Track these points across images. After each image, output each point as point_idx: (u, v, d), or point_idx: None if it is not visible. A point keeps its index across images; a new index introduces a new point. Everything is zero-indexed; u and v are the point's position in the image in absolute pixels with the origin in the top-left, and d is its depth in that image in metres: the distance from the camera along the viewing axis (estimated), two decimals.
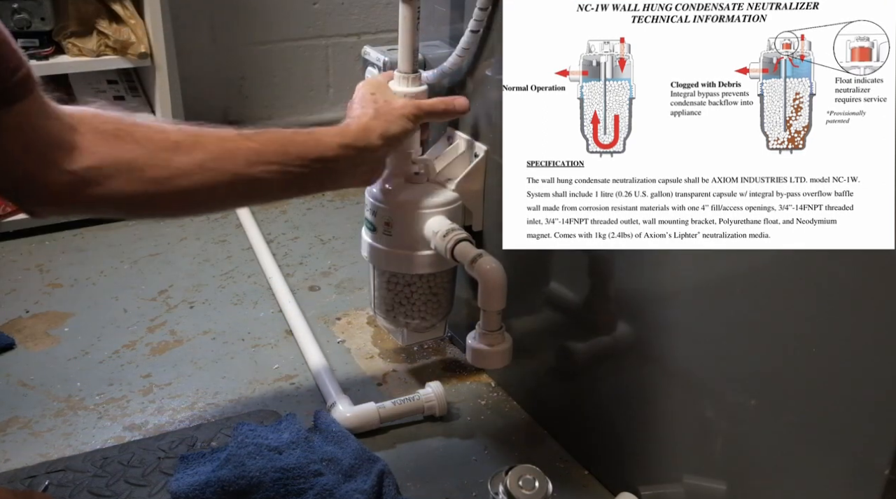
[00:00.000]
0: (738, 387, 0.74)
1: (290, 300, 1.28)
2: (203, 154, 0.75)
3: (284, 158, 0.79)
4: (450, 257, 0.95)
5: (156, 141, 0.74)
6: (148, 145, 0.73)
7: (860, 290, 0.62)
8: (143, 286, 1.35)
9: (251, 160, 0.77)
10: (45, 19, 1.48)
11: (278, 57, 2.03)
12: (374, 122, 0.86)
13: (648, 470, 0.87)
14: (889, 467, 0.61)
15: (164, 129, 0.75)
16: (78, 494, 0.90)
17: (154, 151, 0.73)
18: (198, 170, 0.74)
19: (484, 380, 1.12)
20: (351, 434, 0.97)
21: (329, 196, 1.70)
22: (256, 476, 0.88)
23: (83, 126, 0.71)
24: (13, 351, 1.17)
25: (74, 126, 0.70)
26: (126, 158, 0.72)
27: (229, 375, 1.13)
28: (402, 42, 0.96)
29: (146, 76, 1.65)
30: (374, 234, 1.01)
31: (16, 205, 0.73)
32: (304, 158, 0.80)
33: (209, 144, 0.76)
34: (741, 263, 0.70)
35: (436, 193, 1.00)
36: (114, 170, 0.71)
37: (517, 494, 0.77)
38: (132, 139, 0.73)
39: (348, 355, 1.18)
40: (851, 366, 0.63)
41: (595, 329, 0.92)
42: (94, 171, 0.70)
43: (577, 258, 0.90)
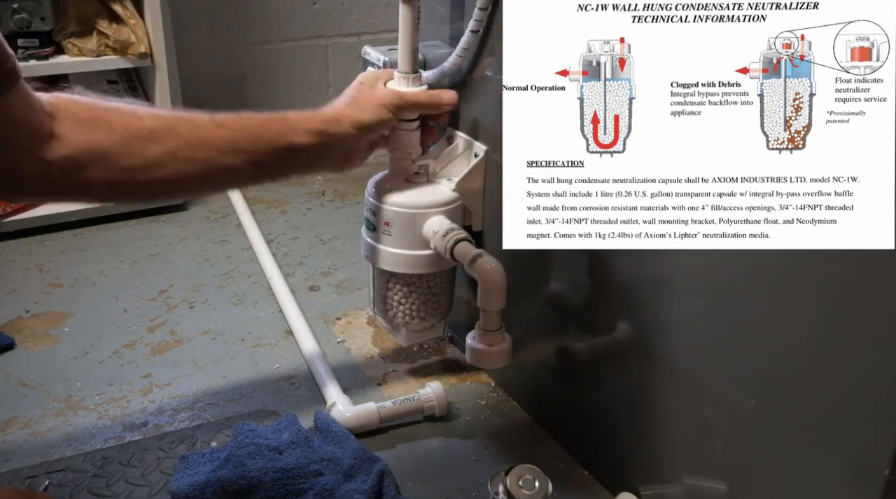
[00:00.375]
0: (738, 387, 0.73)
1: (290, 300, 1.28)
2: (176, 142, 0.76)
3: (255, 145, 0.80)
4: (449, 257, 0.95)
5: (130, 128, 0.74)
6: (123, 133, 0.74)
7: (860, 290, 0.62)
8: (143, 286, 1.35)
9: (223, 149, 0.78)
10: (45, 19, 1.48)
11: (278, 57, 2.03)
12: (347, 110, 0.87)
13: (648, 470, 0.87)
14: (889, 467, 0.61)
15: (138, 114, 0.76)
16: (78, 494, 0.90)
17: (129, 139, 0.74)
18: (170, 159, 0.75)
19: (484, 380, 1.12)
20: (351, 434, 0.97)
21: (329, 196, 1.70)
22: (256, 476, 0.88)
23: (61, 113, 0.72)
24: (13, 351, 1.17)
25: (53, 114, 0.71)
26: (101, 146, 0.73)
27: (229, 375, 1.13)
28: (402, 42, 0.96)
29: (146, 76, 1.65)
30: (373, 233, 1.01)
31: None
32: (274, 145, 0.81)
33: (183, 131, 0.77)
34: (741, 263, 0.70)
35: (436, 193, 1.00)
36: (88, 159, 0.72)
37: (517, 494, 0.77)
38: (108, 127, 0.73)
39: (348, 355, 1.18)
40: (851, 366, 0.63)
41: (595, 329, 0.92)
42: (70, 160, 0.71)
43: (577, 258, 0.90)
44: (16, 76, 0.68)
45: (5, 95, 0.67)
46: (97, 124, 0.73)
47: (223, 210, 1.61)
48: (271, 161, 0.81)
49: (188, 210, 1.61)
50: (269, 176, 0.85)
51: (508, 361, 0.95)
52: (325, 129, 0.84)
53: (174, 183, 0.77)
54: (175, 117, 0.78)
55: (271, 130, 0.82)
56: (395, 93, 0.91)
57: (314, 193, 1.71)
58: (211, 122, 0.79)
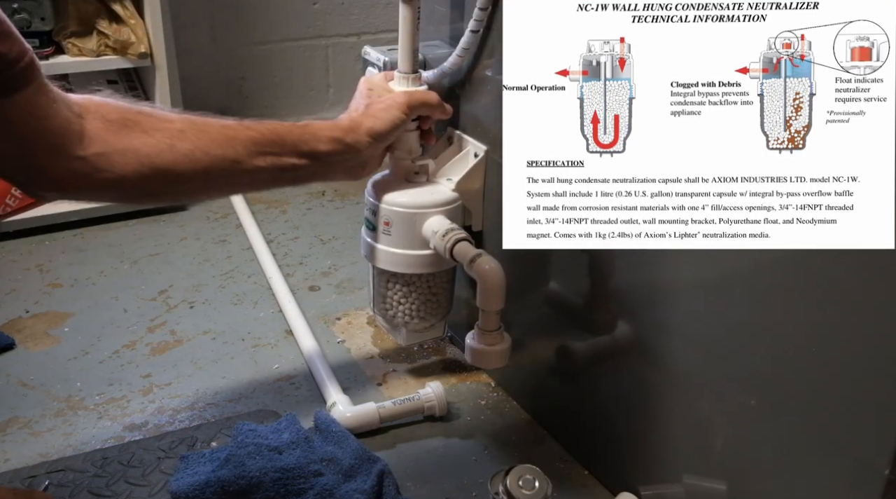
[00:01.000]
0: (738, 387, 0.73)
1: (290, 300, 1.28)
2: (207, 140, 0.77)
3: (280, 148, 0.82)
4: (449, 257, 0.95)
5: (162, 129, 0.76)
6: (154, 134, 0.75)
7: (860, 290, 0.62)
8: (143, 286, 1.35)
9: (250, 149, 0.80)
10: (45, 19, 1.48)
11: (278, 57, 2.03)
12: (363, 118, 0.89)
13: (648, 470, 0.87)
14: (889, 467, 0.61)
15: (169, 118, 0.77)
16: (78, 494, 0.90)
17: (159, 138, 0.75)
18: (202, 155, 0.77)
19: (484, 380, 1.12)
20: (351, 434, 0.97)
21: (329, 196, 1.70)
22: (256, 476, 0.88)
23: (89, 114, 0.72)
24: (13, 351, 1.17)
25: (81, 114, 0.72)
26: (133, 145, 0.73)
27: (229, 375, 1.13)
28: (402, 42, 0.96)
29: (146, 76, 1.65)
30: (373, 233, 1.01)
31: (22, 190, 0.75)
32: (298, 151, 0.83)
33: (212, 130, 0.78)
34: (741, 263, 0.70)
35: (436, 193, 1.00)
36: (120, 156, 0.73)
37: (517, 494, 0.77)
38: (139, 128, 0.74)
39: (348, 355, 1.18)
40: (851, 366, 0.63)
41: (595, 329, 0.92)
42: (102, 158, 0.72)
43: (577, 258, 0.90)
44: (35, 72, 0.67)
45: (24, 91, 0.66)
46: (128, 125, 0.74)
47: (223, 210, 1.61)
48: (293, 165, 0.83)
49: (188, 210, 1.61)
50: (289, 180, 0.87)
51: (507, 361, 0.95)
52: (343, 137, 0.86)
53: (202, 182, 0.78)
54: (205, 119, 0.79)
55: (295, 135, 0.83)
56: (405, 94, 0.92)
57: (314, 193, 1.71)
58: (239, 124, 0.81)
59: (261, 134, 0.81)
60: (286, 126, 0.84)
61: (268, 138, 0.81)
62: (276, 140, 0.82)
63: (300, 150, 0.83)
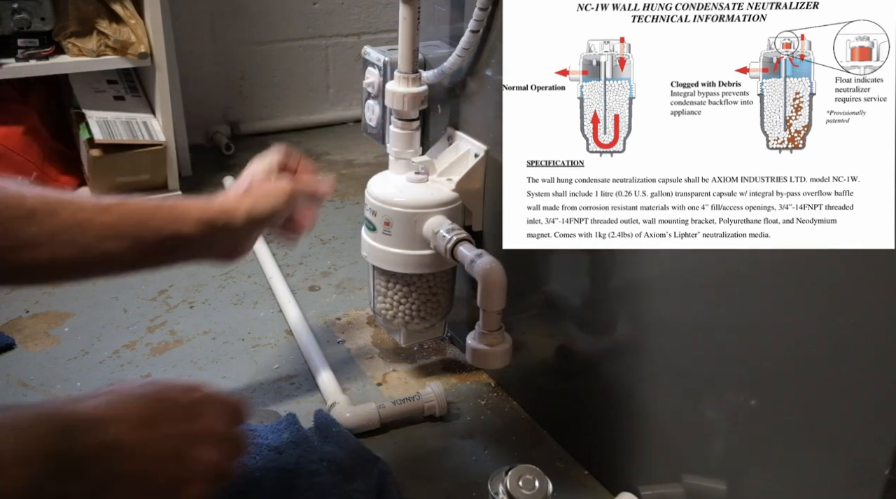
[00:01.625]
0: (737, 387, 0.73)
1: (290, 300, 1.28)
2: (56, 225, 0.73)
3: (139, 231, 0.78)
4: (449, 257, 0.95)
5: (10, 207, 0.72)
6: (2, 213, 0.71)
7: (860, 290, 0.62)
8: (143, 286, 1.35)
9: (101, 235, 0.76)
10: (45, 19, 1.48)
11: (278, 57, 2.03)
12: (241, 199, 0.83)
13: (648, 470, 0.87)
14: (889, 467, 0.61)
15: (22, 195, 0.73)
16: None
17: (6, 220, 0.71)
18: (47, 241, 0.73)
19: (484, 380, 1.12)
20: (351, 434, 0.97)
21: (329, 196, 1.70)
22: (256, 476, 0.88)
23: None
24: (13, 351, 1.17)
25: None
26: None
27: (229, 375, 1.13)
28: (402, 42, 0.96)
29: (146, 76, 1.65)
30: (373, 233, 1.01)
31: None
32: (159, 234, 0.78)
33: (65, 214, 0.74)
34: (741, 262, 0.70)
35: (436, 193, 1.00)
36: None
37: (517, 494, 0.77)
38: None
39: (348, 355, 1.18)
40: (851, 366, 0.63)
41: (595, 329, 0.92)
42: None
43: (577, 258, 0.90)
44: None
45: None
46: None
47: None
48: (155, 249, 0.79)
49: None
50: (151, 264, 0.82)
51: (508, 362, 0.95)
52: (213, 219, 0.81)
53: (50, 266, 0.74)
54: (61, 199, 0.75)
55: (158, 217, 0.79)
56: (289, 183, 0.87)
57: None
58: (96, 207, 0.76)
59: (117, 218, 0.76)
60: (150, 206, 0.80)
61: (125, 223, 0.77)
62: (135, 223, 0.77)
63: (163, 233, 0.78)
